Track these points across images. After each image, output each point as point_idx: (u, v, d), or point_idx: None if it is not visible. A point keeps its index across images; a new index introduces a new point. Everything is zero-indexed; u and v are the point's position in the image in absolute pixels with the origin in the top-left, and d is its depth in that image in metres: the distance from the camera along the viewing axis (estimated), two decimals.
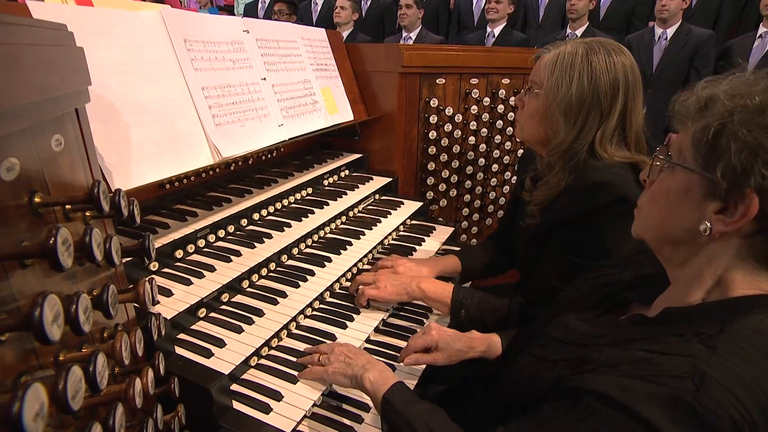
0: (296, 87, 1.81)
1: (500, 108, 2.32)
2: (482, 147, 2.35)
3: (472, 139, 2.31)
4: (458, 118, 2.24)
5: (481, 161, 2.39)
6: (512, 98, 2.32)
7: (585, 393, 0.70)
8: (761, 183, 0.67)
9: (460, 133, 2.28)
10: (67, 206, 0.69)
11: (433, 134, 2.22)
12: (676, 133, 0.87)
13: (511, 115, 2.35)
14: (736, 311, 0.71)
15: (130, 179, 1.12)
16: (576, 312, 0.98)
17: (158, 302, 1.17)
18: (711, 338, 0.68)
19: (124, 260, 1.14)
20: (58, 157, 0.72)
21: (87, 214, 0.78)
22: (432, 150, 2.25)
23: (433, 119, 2.20)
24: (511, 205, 1.71)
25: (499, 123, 2.34)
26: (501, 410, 0.93)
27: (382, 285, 1.44)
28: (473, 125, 2.29)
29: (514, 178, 2.52)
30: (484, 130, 2.32)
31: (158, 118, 1.24)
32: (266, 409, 1.07)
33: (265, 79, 1.65)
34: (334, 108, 2.01)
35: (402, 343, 1.41)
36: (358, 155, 2.23)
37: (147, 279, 0.79)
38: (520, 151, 2.47)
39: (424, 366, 1.32)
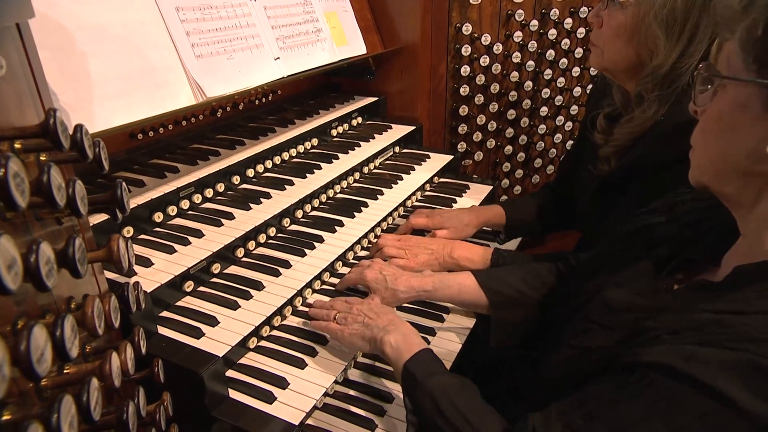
0: (295, 11, 1.77)
1: (551, 34, 2.24)
2: (528, 85, 2.29)
3: (515, 75, 2.25)
4: (498, 48, 2.18)
5: (527, 103, 2.33)
6: (567, 20, 2.23)
7: (640, 366, 0.71)
8: None
9: (500, 67, 2.22)
10: (17, 144, 0.68)
11: (465, 70, 2.17)
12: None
13: (565, 43, 2.27)
14: None
15: (93, 122, 1.11)
16: (619, 283, 0.96)
17: (135, 273, 1.19)
18: None
19: (91, 220, 1.15)
20: (0, 85, 0.71)
21: (42, 158, 0.78)
22: (464, 90, 2.20)
23: (466, 51, 2.14)
24: (575, 148, 1.68)
25: (550, 53, 2.27)
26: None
27: (411, 254, 1.45)
28: (516, 57, 2.22)
29: (569, 123, 2.47)
30: (531, 63, 2.25)
31: (123, 47, 1.22)
32: (269, 399, 1.08)
33: None
34: (342, 38, 1.97)
35: (432, 323, 1.41)
36: (373, 99, 2.21)
37: (121, 236, 0.79)
38: (577, 89, 2.40)
39: (465, 337, 1.34)
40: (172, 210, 1.40)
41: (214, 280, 1.33)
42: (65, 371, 0.70)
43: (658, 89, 1.22)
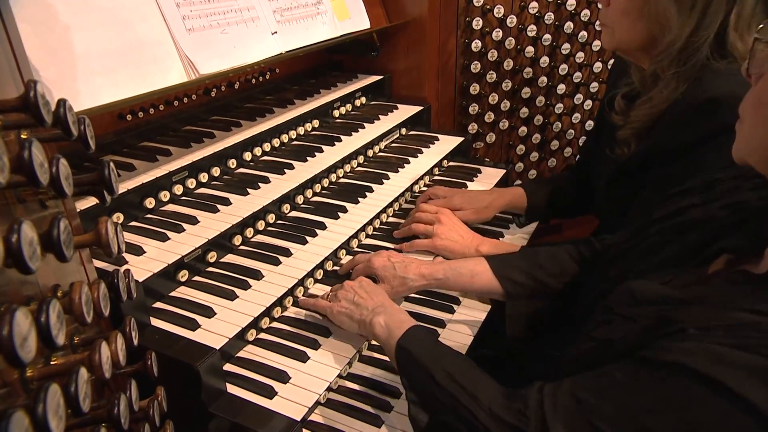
0: None
1: (570, 4, 2.21)
2: (544, 61, 2.26)
3: (530, 51, 2.23)
4: (511, 21, 2.15)
5: (543, 81, 2.31)
6: None
7: (661, 362, 0.72)
8: None
9: (513, 42, 2.19)
10: None
11: (477, 45, 2.15)
12: None
13: (585, 14, 2.24)
14: None
15: (78, 99, 1.11)
16: (645, 272, 0.95)
17: (126, 261, 1.18)
18: None
19: (78, 206, 1.15)
20: None
21: (23, 136, 0.77)
22: (476, 67, 2.18)
23: (477, 24, 2.12)
24: (594, 130, 1.68)
25: (569, 26, 2.24)
26: None
27: (438, 232, 1.49)
28: (532, 31, 2.19)
29: (588, 102, 2.45)
30: (547, 36, 2.22)
31: (109, 20, 1.21)
32: (270, 394, 1.08)
33: None
34: (344, 12, 1.95)
35: (441, 314, 1.41)
36: (378, 77, 2.20)
37: (109, 219, 0.78)
38: (597, 65, 2.37)
39: (476, 329, 1.36)
40: (165, 195, 1.40)
41: (210, 269, 1.33)
42: (52, 362, 0.69)
43: (674, 66, 1.21)
